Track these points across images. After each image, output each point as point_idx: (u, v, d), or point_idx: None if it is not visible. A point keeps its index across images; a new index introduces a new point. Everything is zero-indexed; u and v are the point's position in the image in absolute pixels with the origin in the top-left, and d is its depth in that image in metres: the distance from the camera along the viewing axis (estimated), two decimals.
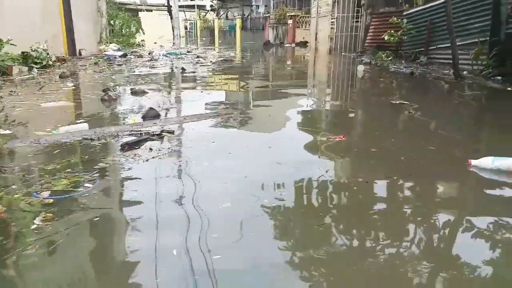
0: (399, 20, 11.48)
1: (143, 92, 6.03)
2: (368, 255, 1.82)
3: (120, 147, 3.30)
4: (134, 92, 6.03)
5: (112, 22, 21.61)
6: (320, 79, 8.49)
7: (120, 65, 10.68)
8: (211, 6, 42.02)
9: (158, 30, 35.29)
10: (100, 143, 3.46)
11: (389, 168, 2.96)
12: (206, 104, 5.35)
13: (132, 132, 3.79)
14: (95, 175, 2.69)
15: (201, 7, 43.46)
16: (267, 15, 27.94)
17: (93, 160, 3.00)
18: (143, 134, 3.72)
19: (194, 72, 9.30)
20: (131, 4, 25.30)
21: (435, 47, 10.36)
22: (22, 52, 9.42)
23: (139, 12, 36.75)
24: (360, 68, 9.09)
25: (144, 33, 27.88)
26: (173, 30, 32.14)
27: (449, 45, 9.55)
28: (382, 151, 3.33)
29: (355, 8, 15.40)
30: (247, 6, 34.21)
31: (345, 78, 8.89)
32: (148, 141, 3.53)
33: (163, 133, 3.75)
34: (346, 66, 11.39)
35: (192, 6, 42.59)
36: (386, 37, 11.71)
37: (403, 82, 7.74)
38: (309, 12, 23.26)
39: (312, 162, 3.09)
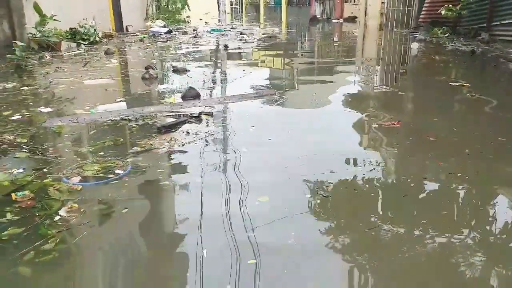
0: None
1: (185, 70, 5.88)
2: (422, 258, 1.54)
3: (156, 130, 3.16)
4: (176, 70, 5.90)
5: None
6: (370, 58, 7.93)
7: (164, 41, 10.62)
8: None
9: (204, 6, 35.12)
10: (137, 124, 3.33)
11: (451, 163, 2.60)
12: (248, 83, 5.11)
13: (171, 113, 3.65)
14: (128, 160, 2.56)
15: None
16: None
17: (128, 143, 2.88)
18: (181, 115, 3.56)
19: (237, 49, 9.04)
20: None
21: (498, 23, 9.40)
22: (70, 28, 9.57)
23: None
24: (414, 45, 8.40)
25: (190, 10, 27.83)
26: (218, 6, 31.90)
27: None
28: (442, 141, 2.96)
29: None
30: None
31: (397, 56, 8.27)
32: (186, 123, 3.37)
33: (201, 115, 3.57)
34: (398, 43, 10.64)
35: None
36: (443, 12, 10.78)
37: (462, 61, 7.06)
38: None
39: (361, 153, 2.79)
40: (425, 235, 1.79)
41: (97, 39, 10.06)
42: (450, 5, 10.68)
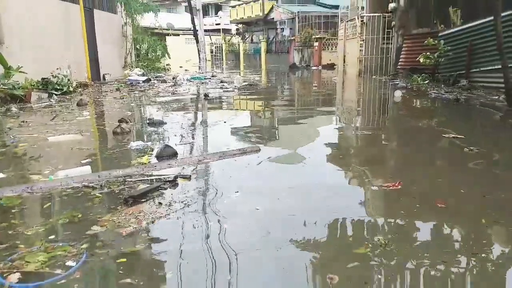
0: (436, 41, 10.72)
1: (162, 123, 5.49)
2: None
3: (123, 201, 2.69)
4: (151, 123, 5.50)
5: (138, 46, 21.76)
6: (354, 106, 7.78)
7: (142, 90, 10.32)
8: (237, 29, 42.29)
9: (184, 54, 35.66)
10: (101, 193, 2.86)
11: (471, 239, 2.22)
12: (230, 137, 4.75)
13: (142, 177, 3.20)
14: (83, 246, 2.08)
15: (226, 31, 43.83)
16: (292, 38, 27.62)
17: (87, 220, 2.40)
18: (154, 180, 3.11)
19: (217, 98, 8.78)
20: (157, 29, 25.47)
21: (478, 69, 9.53)
22: (43, 78, 9.19)
23: (166, 37, 37.35)
24: (397, 93, 8.33)
25: (169, 57, 28.07)
26: (199, 54, 32.31)
27: (495, 67, 8.75)
28: (453, 208, 2.60)
29: (385, 30, 14.72)
30: (272, 29, 34.10)
31: (381, 104, 8.14)
32: (159, 189, 2.92)
33: (177, 179, 3.14)
34: (380, 91, 10.63)
35: (218, 30, 43.01)
36: (421, 59, 10.93)
37: (449, 110, 6.93)
38: (335, 34, 22.77)
39: (361, 223, 2.38)
40: None
41: (71, 89, 9.68)
42: (428, 53, 10.86)
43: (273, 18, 32.24)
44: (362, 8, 17.30)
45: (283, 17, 30.16)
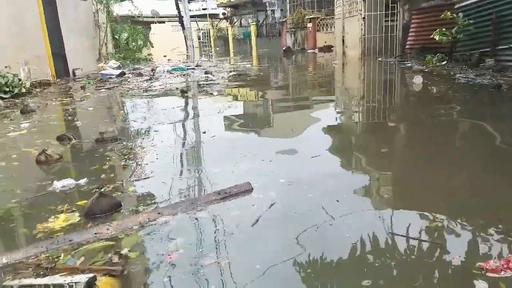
0: (453, 15, 9.16)
1: (115, 139, 3.95)
2: None
3: None
4: (101, 140, 3.96)
5: (116, 36, 19.99)
6: (371, 100, 6.19)
7: (110, 88, 8.71)
8: (223, 13, 40.30)
9: (171, 42, 33.83)
10: None
11: None
12: (204, 167, 3.21)
13: (45, 269, 1.70)
14: None
15: (213, 16, 41.79)
16: (283, 20, 25.84)
17: None
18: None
19: (195, 96, 7.19)
20: (138, 16, 23.65)
21: (507, 46, 8.02)
22: None
23: (151, 25, 35.36)
24: (418, 79, 6.79)
25: (152, 46, 26.25)
26: (186, 42, 30.47)
27: None
28: None
29: (389, 5, 13.10)
30: (261, 11, 32.21)
31: (403, 95, 6.60)
32: None
33: (97, 279, 1.63)
34: (393, 77, 9.08)
35: (204, 15, 40.99)
36: (437, 37, 9.38)
37: (493, 101, 5.40)
38: (330, 14, 21.09)
39: None
40: None
41: (23, 90, 8.07)
42: (443, 29, 9.31)
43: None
44: None
45: None
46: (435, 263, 1.72)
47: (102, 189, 2.59)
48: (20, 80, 8.10)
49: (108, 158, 3.35)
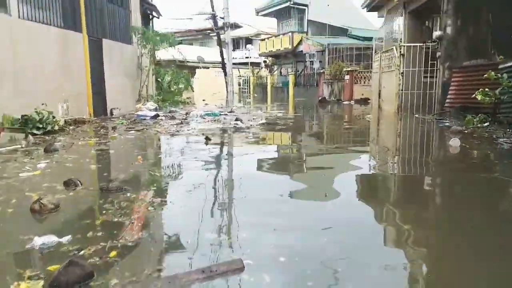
0: (498, 75, 8.71)
1: (118, 190, 3.78)
2: None
3: None
4: (105, 189, 3.81)
5: (160, 79, 20.78)
6: (400, 163, 5.80)
7: (139, 130, 8.79)
8: (264, 61, 41.40)
9: (213, 86, 34.97)
10: None
11: None
12: (203, 234, 2.94)
13: None
14: None
15: (255, 64, 43.06)
16: (321, 71, 26.05)
17: None
18: None
19: (218, 145, 7.05)
20: (182, 61, 24.66)
21: None
22: (22, 116, 7.84)
23: (196, 70, 36.83)
24: (455, 142, 6.31)
25: (193, 90, 27.07)
26: (226, 87, 31.34)
27: None
28: None
29: (428, 62, 12.79)
30: (300, 62, 32.81)
31: (437, 160, 6.15)
32: None
33: None
34: (429, 137, 8.62)
35: (246, 63, 42.30)
36: (479, 97, 8.90)
37: None
38: (367, 67, 21.05)
39: None
40: None
41: (56, 127, 8.28)
42: (487, 89, 8.84)
43: (301, 51, 31.01)
44: (401, 40, 15.51)
45: (312, 49, 28.84)
46: None
47: (82, 252, 2.37)
48: (54, 117, 8.34)
49: (104, 212, 3.16)
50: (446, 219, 3.28)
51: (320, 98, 22.57)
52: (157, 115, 11.77)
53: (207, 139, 6.98)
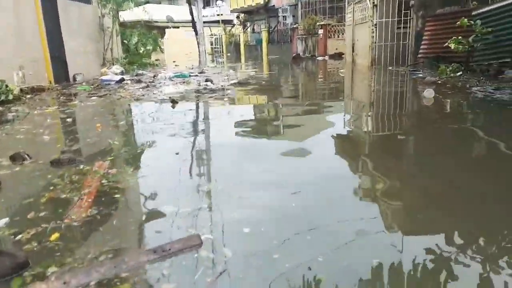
0: (471, 22, 8.50)
1: (70, 162, 3.45)
2: None
3: None
4: (56, 162, 3.48)
5: (126, 40, 19.79)
6: (374, 116, 5.63)
7: (102, 95, 8.29)
8: (237, 16, 39.98)
9: (184, 47, 33.63)
10: None
11: None
12: (159, 205, 2.69)
13: None
14: None
15: (227, 22, 41.51)
16: (294, 26, 25.33)
17: None
18: None
19: (185, 109, 6.68)
20: (150, 22, 23.44)
21: None
22: None
23: (166, 30, 35.22)
24: (429, 93, 6.16)
25: (162, 51, 25.98)
26: (198, 47, 30.20)
27: None
28: None
29: (402, 11, 12.46)
30: (273, 17, 31.78)
31: (410, 113, 6.00)
32: None
33: None
34: (402, 89, 8.45)
35: (218, 21, 40.74)
36: (452, 45, 8.74)
37: None
38: (341, 20, 20.51)
39: None
40: None
41: (11, 97, 7.69)
42: (459, 37, 8.66)
43: (274, 5, 29.96)
44: None
45: (284, 3, 27.87)
46: None
47: (19, 236, 2.09)
48: (7, 86, 7.73)
49: (52, 188, 2.85)
50: (421, 164, 3.13)
51: (294, 55, 22.05)
52: (123, 79, 11.18)
53: (174, 102, 6.61)
